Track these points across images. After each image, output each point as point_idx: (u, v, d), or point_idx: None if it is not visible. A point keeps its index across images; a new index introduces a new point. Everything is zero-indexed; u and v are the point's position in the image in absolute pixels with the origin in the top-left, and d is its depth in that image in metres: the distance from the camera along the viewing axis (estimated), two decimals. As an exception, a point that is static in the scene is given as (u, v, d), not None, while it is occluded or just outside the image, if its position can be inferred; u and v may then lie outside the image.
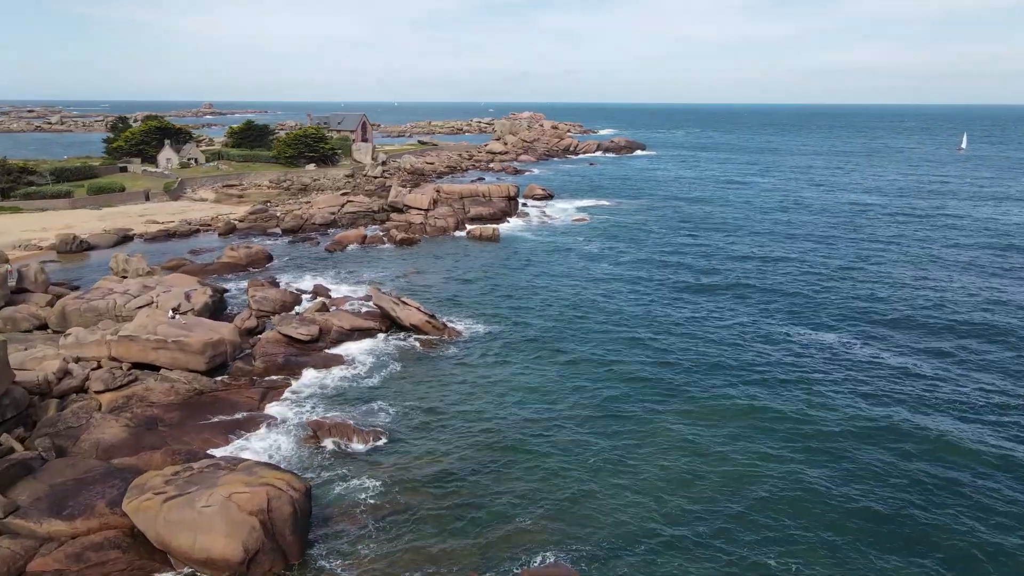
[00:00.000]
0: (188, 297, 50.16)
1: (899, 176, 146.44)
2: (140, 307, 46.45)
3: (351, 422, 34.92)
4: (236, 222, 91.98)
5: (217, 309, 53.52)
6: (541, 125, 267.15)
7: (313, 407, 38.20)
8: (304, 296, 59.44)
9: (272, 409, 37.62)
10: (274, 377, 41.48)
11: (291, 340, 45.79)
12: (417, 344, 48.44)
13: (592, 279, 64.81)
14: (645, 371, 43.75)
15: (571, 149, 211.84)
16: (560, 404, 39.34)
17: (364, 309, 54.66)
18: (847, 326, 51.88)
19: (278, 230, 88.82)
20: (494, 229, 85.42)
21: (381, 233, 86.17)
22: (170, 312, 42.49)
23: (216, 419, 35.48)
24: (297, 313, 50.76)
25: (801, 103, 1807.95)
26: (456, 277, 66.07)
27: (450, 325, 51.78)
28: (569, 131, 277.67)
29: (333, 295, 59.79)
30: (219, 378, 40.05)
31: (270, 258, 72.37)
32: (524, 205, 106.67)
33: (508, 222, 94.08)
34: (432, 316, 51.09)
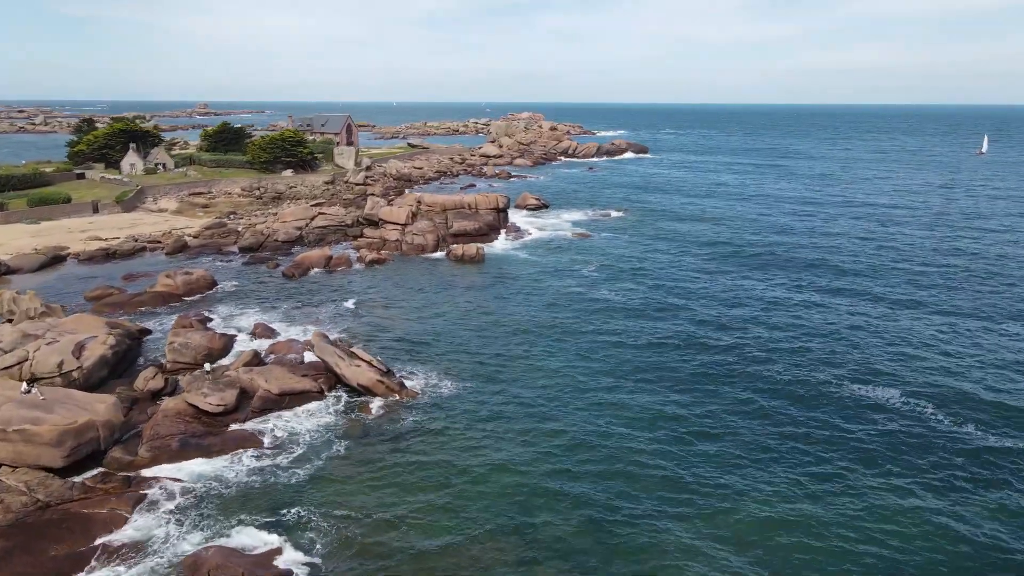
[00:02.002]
0: (80, 349, 39.90)
1: (923, 184, 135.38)
2: (6, 367, 36.16)
3: (242, 568, 24.54)
4: (190, 238, 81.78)
5: (124, 361, 43.31)
6: (540, 126, 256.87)
7: (204, 523, 27.88)
8: (240, 338, 49.21)
9: (144, 527, 27.33)
10: (160, 471, 31.14)
11: (198, 412, 35.47)
12: (365, 412, 38.11)
13: (590, 318, 54.28)
14: (655, 457, 33.43)
15: (570, 152, 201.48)
16: (544, 505, 29.07)
17: (308, 358, 44.49)
18: (911, 408, 41.48)
19: (235, 248, 78.45)
20: (478, 249, 75.06)
21: (351, 252, 75.87)
22: (24, 385, 32.15)
23: (54, 551, 25.22)
24: (209, 372, 40.22)
25: (801, 103, 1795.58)
26: (427, 312, 55.72)
27: (410, 383, 41.48)
28: (568, 132, 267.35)
29: (277, 337, 49.54)
30: (81, 478, 29.74)
31: (214, 285, 62.09)
32: (516, 217, 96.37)
33: (496, 239, 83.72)
34: (387, 373, 40.80)
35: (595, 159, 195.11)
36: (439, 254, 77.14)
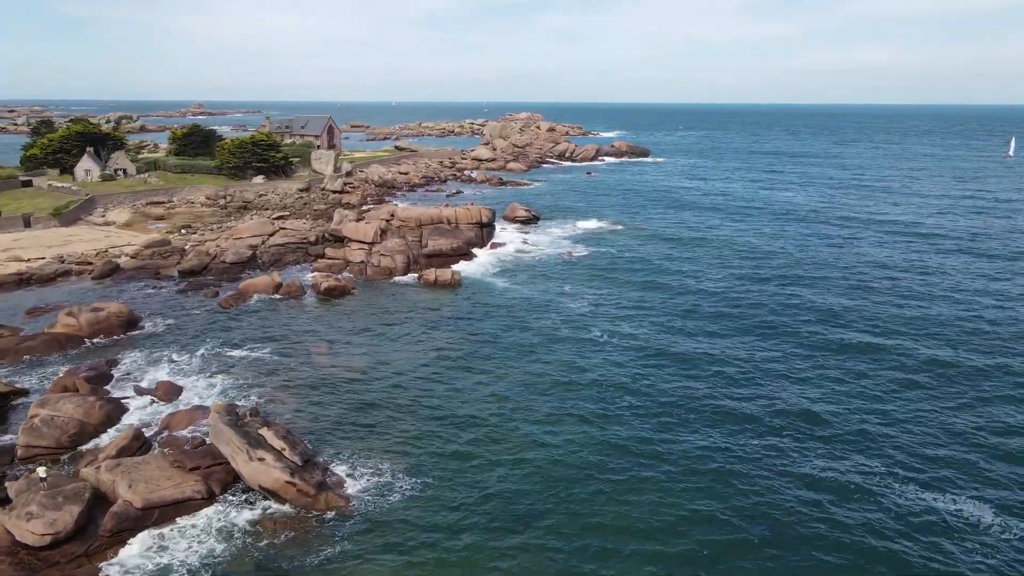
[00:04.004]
0: None
1: (949, 194, 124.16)
2: None
3: None
4: (128, 257, 71.52)
5: (-37, 444, 32.96)
6: (538, 127, 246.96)
7: None
8: (135, 403, 38.90)
9: None
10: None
11: (16, 543, 25.11)
12: (264, 533, 27.73)
13: (582, 373, 43.82)
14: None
15: (567, 155, 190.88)
16: None
17: (209, 439, 34.13)
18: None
19: (176, 271, 67.97)
20: (453, 273, 64.70)
21: (306, 277, 65.54)
22: None
23: None
24: (45, 477, 29.47)
25: (801, 103, 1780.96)
26: (383, 362, 45.32)
27: (336, 483, 31.06)
28: (567, 133, 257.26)
29: (181, 400, 39.25)
30: None
31: (132, 324, 51.66)
32: (502, 232, 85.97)
33: (477, 257, 73.35)
34: (304, 466, 30.42)
35: (594, 162, 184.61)
36: (409, 277, 66.78)
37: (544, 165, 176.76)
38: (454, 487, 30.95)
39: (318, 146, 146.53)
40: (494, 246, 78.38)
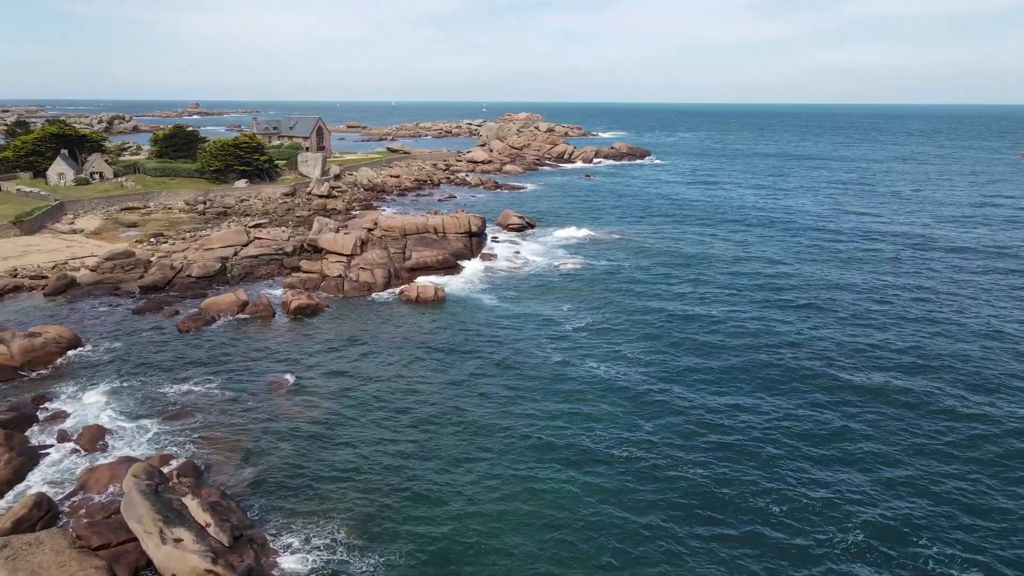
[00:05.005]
0: None
1: (962, 201, 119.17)
2: None
3: None
4: (87, 270, 66.10)
5: None
6: (536, 128, 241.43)
7: None
8: (55, 454, 33.50)
9: None
10: None
11: None
12: (175, 637, 22.36)
13: (576, 410, 38.53)
14: None
15: (566, 156, 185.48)
16: None
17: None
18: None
19: (137, 287, 62.54)
20: (437, 289, 59.29)
21: (276, 294, 60.15)
22: None
23: None
24: None
25: (803, 103, 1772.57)
26: (346, 403, 39.87)
27: (271, 565, 25.65)
28: (566, 134, 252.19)
29: (108, 450, 33.84)
30: None
31: (70, 349, 46.24)
32: (494, 239, 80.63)
33: (464, 270, 67.94)
34: (234, 543, 25.05)
35: (593, 164, 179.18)
36: (389, 293, 61.38)
37: (542, 167, 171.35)
38: (425, 572, 25.52)
39: (306, 148, 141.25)
40: (484, 257, 72.96)
